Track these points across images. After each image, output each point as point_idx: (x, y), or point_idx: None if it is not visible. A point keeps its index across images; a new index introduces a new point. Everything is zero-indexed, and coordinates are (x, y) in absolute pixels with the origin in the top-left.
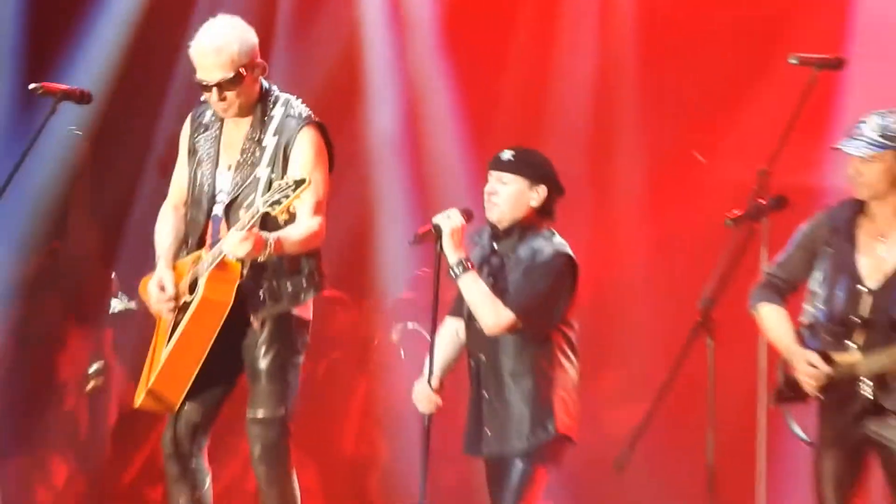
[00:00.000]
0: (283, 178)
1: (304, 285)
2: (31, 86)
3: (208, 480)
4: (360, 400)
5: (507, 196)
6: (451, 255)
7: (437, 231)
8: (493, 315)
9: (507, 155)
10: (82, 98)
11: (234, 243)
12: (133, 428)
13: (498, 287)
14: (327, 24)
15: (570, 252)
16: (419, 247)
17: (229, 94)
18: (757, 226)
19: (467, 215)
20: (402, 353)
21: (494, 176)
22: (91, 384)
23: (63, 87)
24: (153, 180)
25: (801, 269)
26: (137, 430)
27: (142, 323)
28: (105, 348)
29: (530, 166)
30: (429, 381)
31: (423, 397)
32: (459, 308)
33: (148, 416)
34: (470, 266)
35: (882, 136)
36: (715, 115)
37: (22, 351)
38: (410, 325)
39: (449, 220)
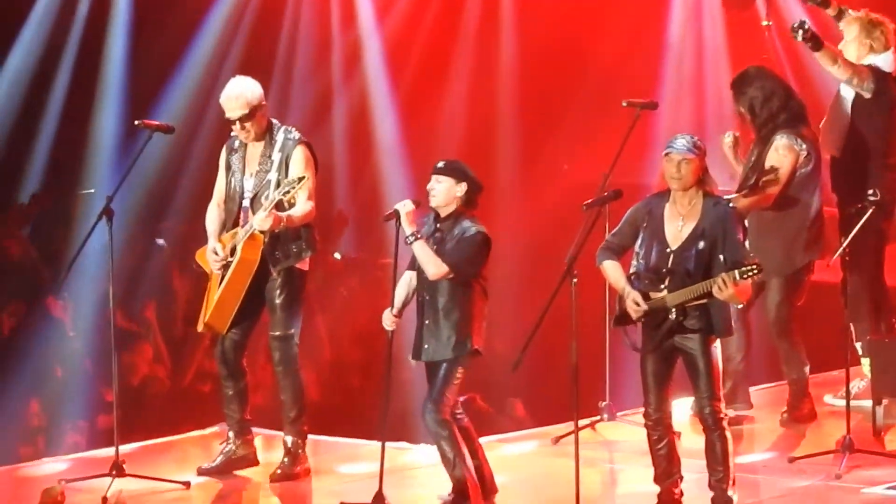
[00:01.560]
0: (287, 178)
1: (304, 247)
2: (136, 122)
3: (246, 377)
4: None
5: (441, 191)
6: (407, 228)
7: (397, 214)
8: (435, 267)
9: (441, 164)
10: (168, 130)
11: (261, 220)
12: (189, 349)
13: (439, 252)
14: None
15: (485, 230)
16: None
17: (247, 125)
18: (602, 210)
19: (416, 203)
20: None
21: (434, 178)
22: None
23: (155, 123)
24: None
25: (629, 237)
26: (186, 352)
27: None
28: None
29: (455, 171)
30: (392, 310)
31: (388, 320)
32: (413, 264)
33: (200, 338)
34: (419, 236)
35: (693, 146)
36: (575, 136)
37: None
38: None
39: (404, 206)
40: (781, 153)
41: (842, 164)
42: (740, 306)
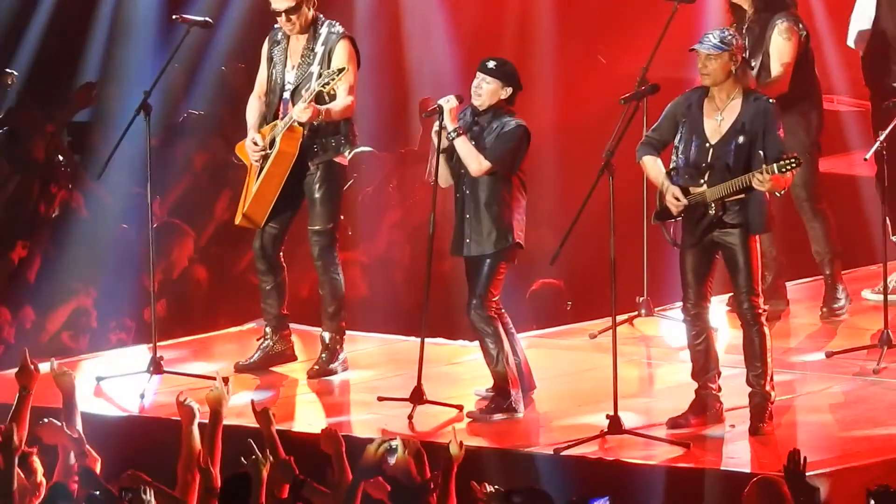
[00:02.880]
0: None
1: (343, 142)
2: (174, 17)
3: (284, 272)
4: (392, 218)
5: (488, 91)
6: (449, 124)
7: (440, 109)
8: (477, 163)
9: (491, 63)
10: (206, 25)
11: (300, 111)
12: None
13: (478, 146)
14: None
15: (525, 124)
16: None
17: (293, 17)
18: (640, 104)
19: (459, 99)
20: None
21: (480, 77)
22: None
23: (193, 17)
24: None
25: (669, 133)
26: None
27: None
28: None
29: (506, 74)
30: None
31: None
32: (450, 154)
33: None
34: (461, 132)
35: (721, 42)
36: (612, 29)
37: None
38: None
39: (448, 102)
40: (785, 36)
41: (873, 58)
42: (779, 194)
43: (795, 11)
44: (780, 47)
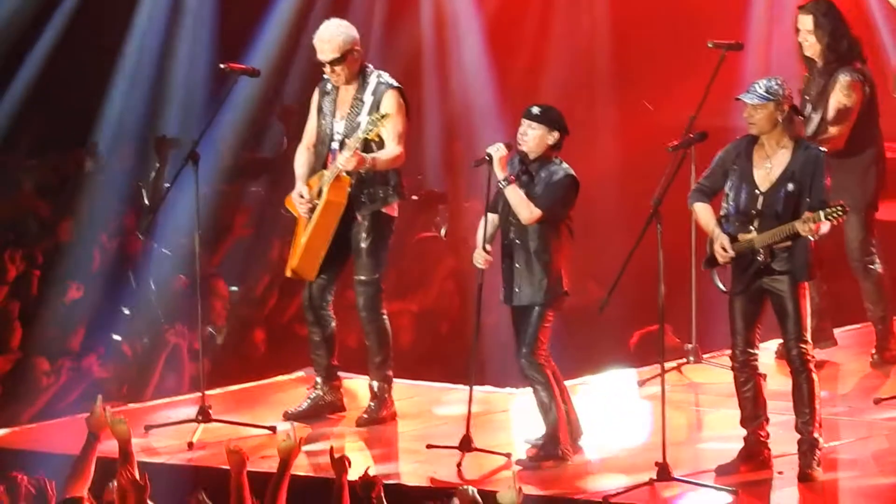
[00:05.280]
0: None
1: (391, 192)
2: (221, 65)
3: (333, 323)
4: (444, 269)
5: (533, 137)
6: (499, 173)
7: (489, 157)
8: (528, 211)
9: (535, 110)
10: (253, 73)
11: (345, 159)
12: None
13: (527, 194)
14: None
15: (574, 173)
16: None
17: (337, 69)
18: (688, 152)
19: (508, 147)
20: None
21: (525, 123)
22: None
23: (241, 66)
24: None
25: (719, 180)
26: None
27: None
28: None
29: (550, 120)
30: (483, 248)
31: (480, 258)
32: (495, 207)
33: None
34: (512, 180)
35: (766, 92)
36: (661, 79)
37: None
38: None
39: (497, 151)
40: (847, 92)
41: None
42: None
43: (862, 66)
44: (839, 104)
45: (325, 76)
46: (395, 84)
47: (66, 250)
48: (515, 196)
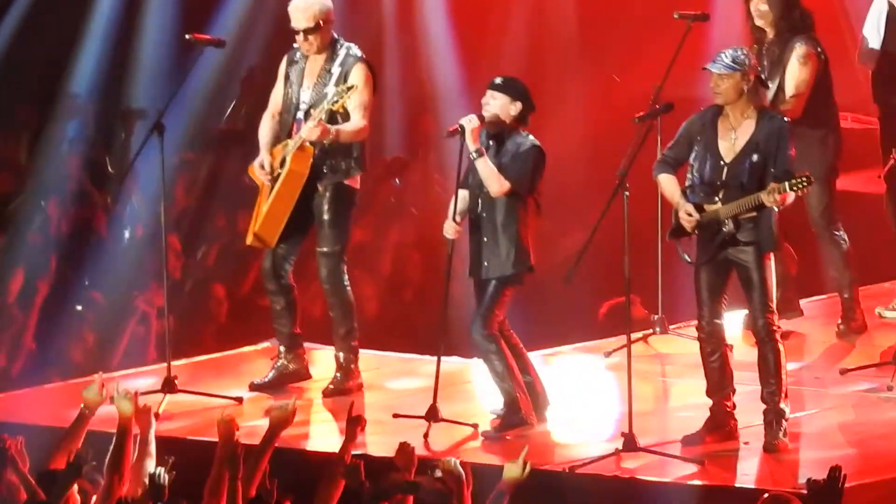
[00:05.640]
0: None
1: (353, 164)
2: (187, 36)
3: (294, 291)
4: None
5: (496, 106)
6: (471, 145)
7: (462, 129)
8: (498, 184)
9: (498, 80)
10: (219, 43)
11: (309, 129)
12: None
13: (496, 167)
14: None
15: (540, 144)
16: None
17: (310, 38)
18: (654, 123)
19: (481, 119)
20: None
21: (489, 93)
22: None
23: (206, 36)
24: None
25: (684, 151)
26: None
27: None
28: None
29: (513, 89)
30: (453, 219)
31: (451, 229)
32: (465, 182)
33: (254, 251)
34: (483, 152)
35: (733, 62)
36: (626, 48)
37: None
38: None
39: (469, 122)
40: (802, 62)
41: (881, 77)
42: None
43: (815, 34)
44: (796, 73)
45: (295, 45)
46: (364, 58)
47: (25, 220)
48: (486, 168)
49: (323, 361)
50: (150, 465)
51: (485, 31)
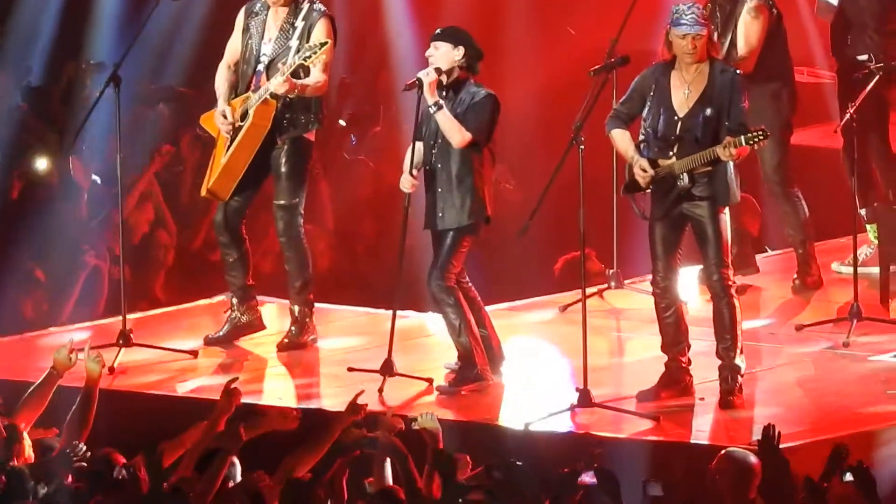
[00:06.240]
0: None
1: (312, 119)
2: None
3: (246, 243)
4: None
5: (439, 56)
6: (429, 98)
7: (419, 82)
8: (460, 135)
9: (438, 30)
10: None
11: (277, 83)
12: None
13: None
14: None
15: (494, 94)
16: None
17: None
18: (609, 76)
19: (438, 72)
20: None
21: (432, 45)
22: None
23: None
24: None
25: (637, 106)
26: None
27: None
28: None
29: (452, 35)
30: (410, 172)
31: (407, 182)
32: (420, 134)
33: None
34: (441, 105)
35: (701, 17)
36: (583, 3)
37: None
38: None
39: (427, 76)
40: (753, 15)
41: (837, 30)
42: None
43: None
44: (748, 27)
45: None
46: (328, 13)
47: None
48: (447, 120)
49: (276, 315)
50: None
51: None
